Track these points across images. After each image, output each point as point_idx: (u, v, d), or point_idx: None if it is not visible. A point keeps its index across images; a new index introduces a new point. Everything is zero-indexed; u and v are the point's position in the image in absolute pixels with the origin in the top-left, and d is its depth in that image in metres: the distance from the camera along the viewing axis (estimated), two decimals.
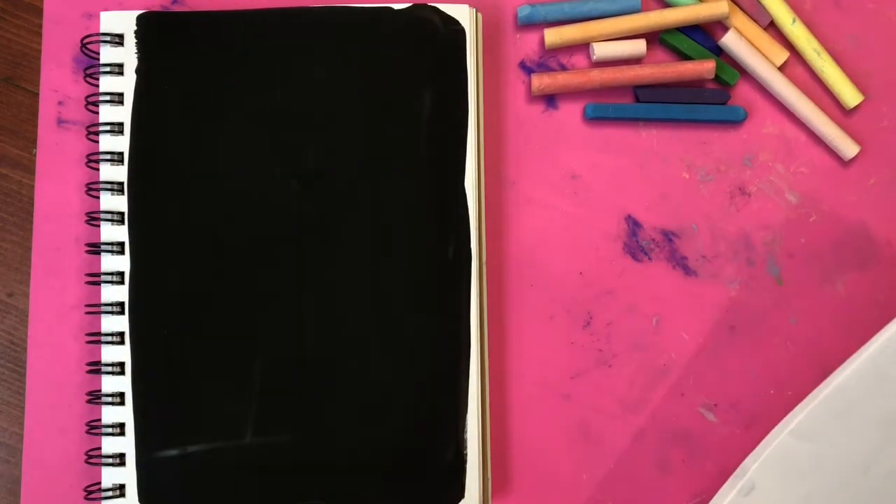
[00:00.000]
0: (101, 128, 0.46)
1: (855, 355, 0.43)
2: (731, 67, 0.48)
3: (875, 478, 0.42)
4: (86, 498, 0.45)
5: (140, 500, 0.45)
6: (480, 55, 0.47)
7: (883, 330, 0.42)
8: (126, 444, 0.45)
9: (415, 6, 0.46)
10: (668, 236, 0.48)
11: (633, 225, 0.48)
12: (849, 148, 0.48)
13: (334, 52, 0.46)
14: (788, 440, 0.42)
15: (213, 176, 0.46)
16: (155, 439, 0.45)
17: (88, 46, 0.47)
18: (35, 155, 0.48)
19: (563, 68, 0.49)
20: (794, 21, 0.48)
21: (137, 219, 0.45)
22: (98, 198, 0.46)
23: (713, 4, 0.47)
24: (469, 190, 0.46)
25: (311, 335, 0.45)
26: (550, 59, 0.49)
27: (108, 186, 0.46)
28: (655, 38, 0.49)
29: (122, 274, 0.45)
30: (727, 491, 0.43)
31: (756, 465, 0.42)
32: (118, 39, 0.46)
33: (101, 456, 0.45)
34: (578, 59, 0.49)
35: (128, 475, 0.45)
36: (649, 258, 0.48)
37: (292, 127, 0.46)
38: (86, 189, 0.47)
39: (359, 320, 0.45)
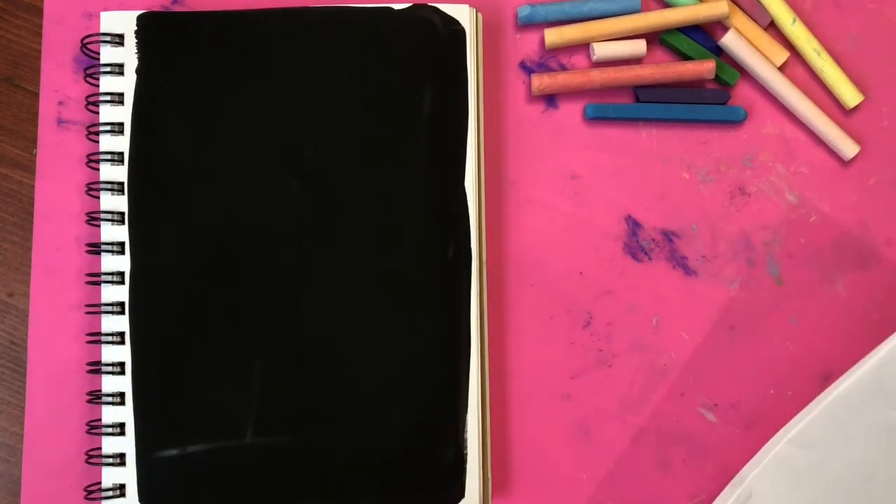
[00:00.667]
0: (102, 128, 0.46)
1: (857, 365, 0.42)
2: (731, 67, 0.48)
3: (877, 487, 0.42)
4: (86, 498, 0.45)
5: (140, 500, 0.45)
6: (480, 55, 0.47)
7: (886, 341, 0.42)
8: (126, 444, 0.45)
9: (415, 6, 0.46)
10: (668, 236, 0.48)
11: (633, 225, 0.48)
12: (849, 148, 0.48)
13: (334, 52, 0.46)
14: (788, 448, 0.42)
15: (213, 176, 0.46)
16: (155, 439, 0.45)
17: (88, 46, 0.47)
18: (35, 155, 0.48)
19: (563, 68, 0.49)
20: (794, 21, 0.48)
21: (137, 219, 0.45)
22: (98, 198, 0.46)
23: (713, 4, 0.47)
24: (469, 190, 0.46)
25: (311, 335, 0.45)
26: (550, 59, 0.49)
27: (108, 186, 0.46)
28: (655, 38, 0.49)
29: (122, 274, 0.45)
30: (724, 499, 0.43)
31: (754, 472, 0.42)
32: (118, 39, 0.46)
33: (101, 456, 0.45)
34: (578, 59, 0.49)
35: (128, 475, 0.45)
36: (649, 258, 0.48)
37: (292, 127, 0.46)
38: (86, 189, 0.47)
39: (359, 320, 0.45)
